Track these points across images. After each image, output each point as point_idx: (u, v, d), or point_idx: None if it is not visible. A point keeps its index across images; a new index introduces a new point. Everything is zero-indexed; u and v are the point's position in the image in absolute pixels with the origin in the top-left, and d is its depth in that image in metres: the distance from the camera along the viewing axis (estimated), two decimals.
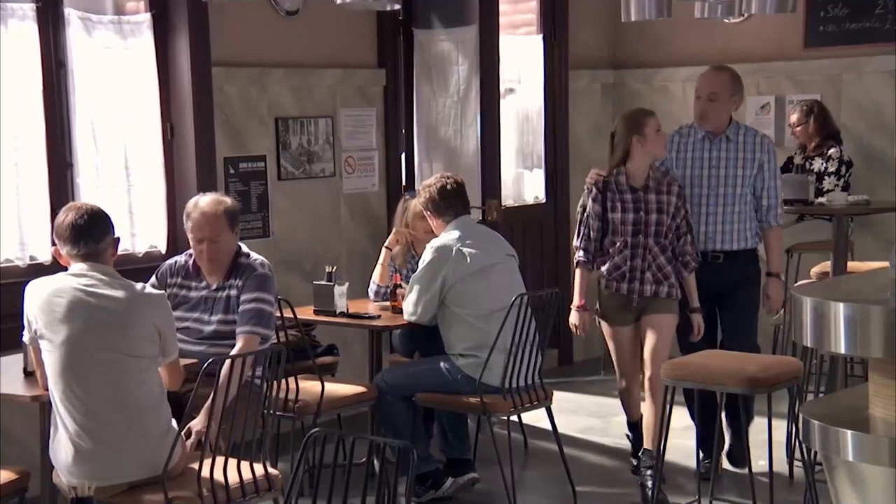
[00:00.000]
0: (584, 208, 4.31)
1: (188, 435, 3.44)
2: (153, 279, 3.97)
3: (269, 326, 3.82)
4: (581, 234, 4.32)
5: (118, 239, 3.34)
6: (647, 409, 4.30)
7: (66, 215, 3.27)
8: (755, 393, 3.52)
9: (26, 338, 3.31)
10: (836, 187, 5.60)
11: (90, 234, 3.23)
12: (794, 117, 5.90)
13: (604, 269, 4.27)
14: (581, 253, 4.31)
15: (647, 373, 4.25)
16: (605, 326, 4.33)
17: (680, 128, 4.57)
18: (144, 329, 3.20)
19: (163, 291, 3.49)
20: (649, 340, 4.26)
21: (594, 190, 4.28)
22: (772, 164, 4.45)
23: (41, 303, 3.22)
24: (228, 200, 3.92)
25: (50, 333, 3.19)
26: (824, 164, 5.73)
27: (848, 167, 5.74)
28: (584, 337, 4.49)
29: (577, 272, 4.34)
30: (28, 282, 3.34)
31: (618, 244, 4.25)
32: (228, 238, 3.85)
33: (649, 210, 4.25)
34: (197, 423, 3.48)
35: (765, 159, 4.43)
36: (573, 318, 4.39)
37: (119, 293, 3.20)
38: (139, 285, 3.30)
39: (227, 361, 3.37)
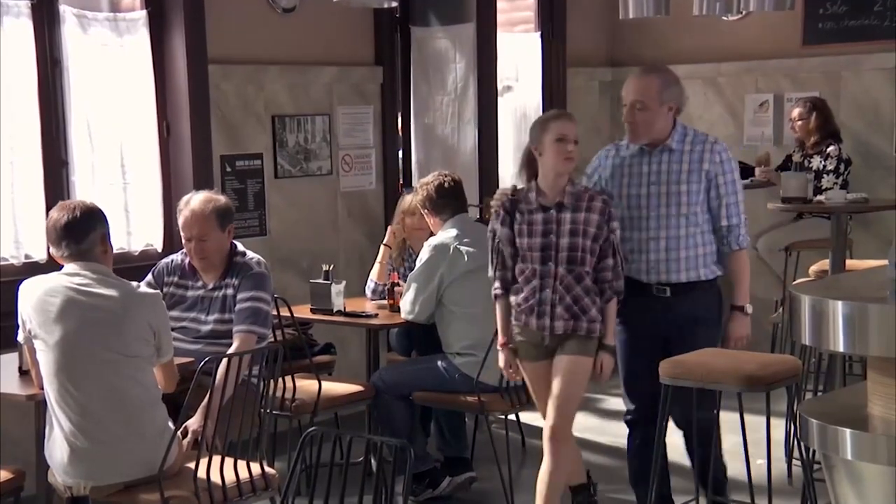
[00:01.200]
0: (494, 233, 3.67)
1: (185, 434, 3.44)
2: (149, 277, 3.97)
3: (266, 325, 3.82)
4: (495, 263, 3.68)
5: (105, 234, 3.28)
6: (545, 467, 3.65)
7: (52, 216, 3.27)
8: (754, 391, 3.51)
9: (21, 337, 3.30)
10: (834, 185, 5.59)
11: (70, 235, 3.21)
12: (795, 111, 5.88)
13: (513, 300, 3.64)
14: (497, 284, 3.67)
15: (549, 422, 3.63)
16: (506, 359, 3.70)
17: (617, 140, 3.93)
18: (139, 328, 3.19)
19: (158, 291, 3.48)
20: (554, 385, 3.61)
21: (501, 212, 3.65)
22: (728, 177, 3.73)
23: (35, 302, 3.20)
24: (221, 199, 3.91)
25: (44, 333, 3.18)
26: (823, 162, 5.72)
27: (847, 165, 5.73)
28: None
29: (497, 307, 3.69)
30: (23, 280, 3.33)
31: (526, 272, 3.61)
32: (218, 237, 3.83)
33: (561, 233, 3.58)
34: (193, 423, 3.47)
35: (717, 171, 3.70)
36: (500, 360, 3.73)
37: (113, 292, 3.19)
38: (133, 284, 3.29)
39: (224, 360, 3.36)
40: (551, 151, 3.58)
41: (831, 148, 5.71)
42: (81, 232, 3.21)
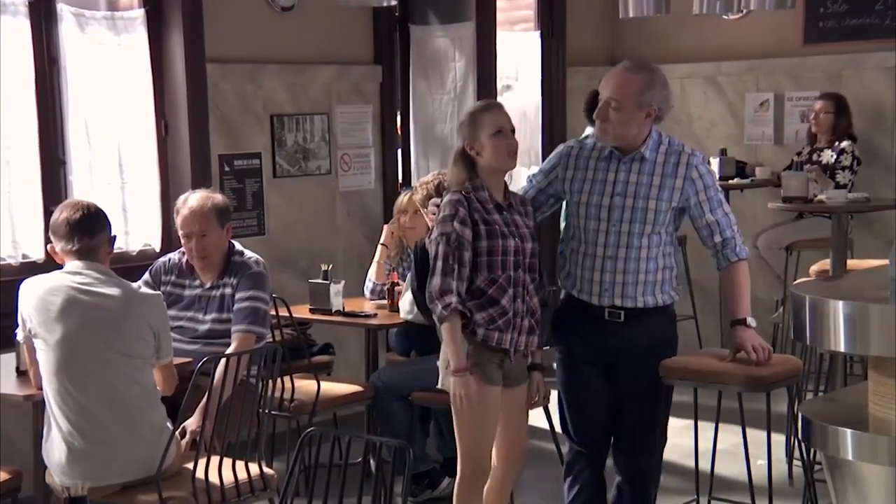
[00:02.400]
0: (448, 237, 3.16)
1: (183, 434, 3.43)
2: (146, 276, 3.96)
3: (265, 325, 3.80)
4: (447, 271, 3.15)
5: (114, 237, 3.33)
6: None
7: (63, 211, 3.28)
8: (754, 391, 3.50)
9: (20, 336, 3.30)
10: (849, 182, 5.56)
11: (84, 229, 3.22)
12: (819, 104, 5.76)
13: (480, 316, 3.19)
14: (455, 298, 3.14)
15: (517, 458, 3.43)
16: (472, 386, 3.20)
17: (584, 137, 3.54)
18: (139, 328, 3.19)
19: (159, 293, 3.48)
20: (518, 421, 3.37)
21: (460, 210, 3.16)
22: (711, 192, 3.37)
23: (36, 301, 3.20)
24: (218, 197, 3.90)
25: (45, 332, 3.18)
26: (835, 156, 5.67)
27: (858, 163, 5.70)
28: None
29: (449, 326, 3.15)
30: (20, 280, 3.33)
31: (499, 281, 3.19)
32: (217, 235, 3.83)
33: (524, 236, 3.25)
34: (191, 423, 3.46)
35: (697, 188, 3.35)
36: (457, 386, 3.19)
37: (115, 291, 3.20)
38: (135, 284, 3.31)
39: (222, 361, 3.35)
40: (492, 147, 3.21)
41: (846, 143, 5.66)
42: (94, 229, 3.24)
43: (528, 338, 3.29)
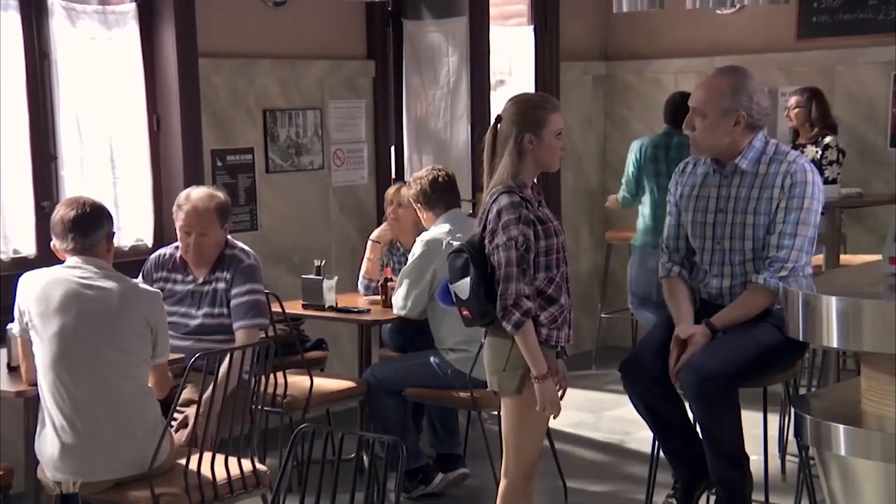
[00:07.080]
0: (516, 241, 3.02)
1: (183, 424, 3.42)
2: (140, 278, 3.93)
3: (266, 315, 3.83)
4: (520, 276, 3.03)
5: (111, 234, 3.31)
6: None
7: (59, 210, 3.29)
8: (749, 386, 3.50)
9: (16, 329, 3.29)
10: (838, 176, 5.55)
11: (78, 228, 3.22)
12: (793, 99, 5.75)
13: (543, 316, 3.10)
14: (531, 303, 3.05)
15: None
16: (553, 389, 3.11)
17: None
18: (136, 323, 3.19)
19: (158, 290, 3.47)
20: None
21: (522, 212, 3.04)
22: (793, 203, 3.23)
23: (37, 293, 3.20)
24: (221, 195, 3.89)
25: (42, 324, 3.17)
26: (820, 152, 5.66)
27: (843, 155, 5.69)
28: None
29: (528, 331, 3.04)
30: (12, 276, 3.33)
31: (556, 279, 3.12)
32: (217, 233, 3.82)
33: (560, 230, 3.18)
34: (194, 415, 3.43)
35: (785, 196, 3.22)
36: (543, 393, 3.07)
37: (112, 285, 3.20)
38: (133, 280, 3.31)
39: (228, 356, 3.33)
40: (552, 146, 3.14)
41: (829, 139, 5.65)
42: (89, 228, 3.23)
43: (571, 331, 3.23)
